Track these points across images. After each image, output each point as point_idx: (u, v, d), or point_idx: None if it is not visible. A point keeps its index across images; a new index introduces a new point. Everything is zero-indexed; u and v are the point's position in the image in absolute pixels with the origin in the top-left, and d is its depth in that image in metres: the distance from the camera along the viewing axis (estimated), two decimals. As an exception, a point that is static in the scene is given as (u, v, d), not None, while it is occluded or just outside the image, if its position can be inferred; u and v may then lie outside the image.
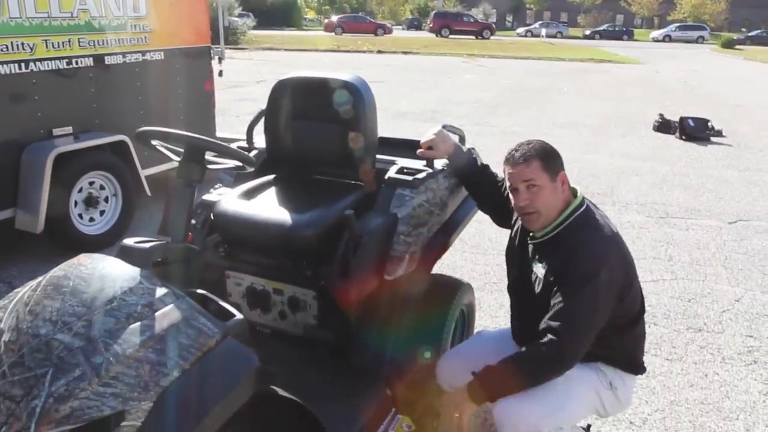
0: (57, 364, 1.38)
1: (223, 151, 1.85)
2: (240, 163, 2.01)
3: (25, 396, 1.36)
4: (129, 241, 1.73)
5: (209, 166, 1.92)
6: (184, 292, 1.63)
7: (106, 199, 4.49)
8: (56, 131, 4.22)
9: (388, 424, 2.28)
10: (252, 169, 2.07)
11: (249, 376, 1.50)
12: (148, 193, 4.73)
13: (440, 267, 2.59)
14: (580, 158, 7.24)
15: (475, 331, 2.94)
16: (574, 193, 2.09)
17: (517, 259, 2.20)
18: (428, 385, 2.43)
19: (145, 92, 4.87)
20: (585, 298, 1.89)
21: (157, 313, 1.49)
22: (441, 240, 2.47)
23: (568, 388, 2.00)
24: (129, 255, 1.67)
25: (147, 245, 1.70)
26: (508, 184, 2.05)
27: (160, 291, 1.54)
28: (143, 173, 4.70)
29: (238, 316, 1.62)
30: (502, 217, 2.41)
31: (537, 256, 2.09)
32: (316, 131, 2.51)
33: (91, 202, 4.37)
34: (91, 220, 4.41)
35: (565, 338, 1.88)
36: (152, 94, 4.93)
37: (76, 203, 4.27)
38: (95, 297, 1.50)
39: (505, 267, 2.34)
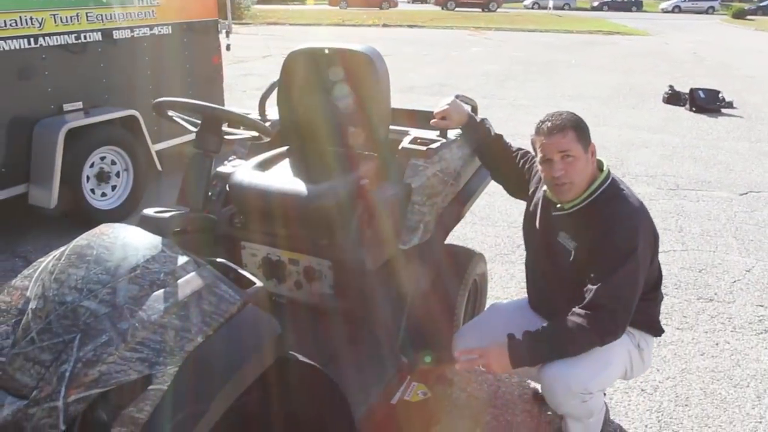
0: (84, 330, 1.41)
1: (241, 122, 1.86)
2: (256, 134, 2.02)
3: (54, 361, 1.40)
4: (149, 211, 1.75)
5: (226, 137, 1.93)
6: (205, 260, 1.65)
7: (118, 174, 4.51)
8: (67, 106, 4.23)
9: (404, 390, 2.31)
10: (268, 140, 2.08)
11: (271, 342, 1.53)
12: (159, 167, 4.75)
13: (451, 238, 2.60)
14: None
15: (488, 302, 2.96)
16: (600, 165, 2.10)
17: (540, 231, 2.21)
18: (442, 354, 2.46)
19: (154, 67, 4.86)
20: (627, 271, 1.93)
21: (179, 281, 1.51)
22: (455, 210, 2.49)
23: (609, 351, 2.04)
24: (149, 224, 1.69)
25: (167, 215, 1.72)
26: (540, 154, 2.05)
27: (182, 259, 1.57)
28: (154, 148, 4.71)
29: (258, 283, 1.64)
30: (517, 188, 2.42)
31: (564, 228, 2.10)
32: (330, 101, 2.51)
33: (102, 177, 4.39)
34: (103, 194, 4.43)
35: (617, 313, 1.94)
36: (161, 69, 4.92)
37: (88, 178, 4.29)
38: (119, 265, 1.53)
39: (515, 239, 2.36)
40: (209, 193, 2.47)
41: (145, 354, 1.38)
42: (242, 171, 2.37)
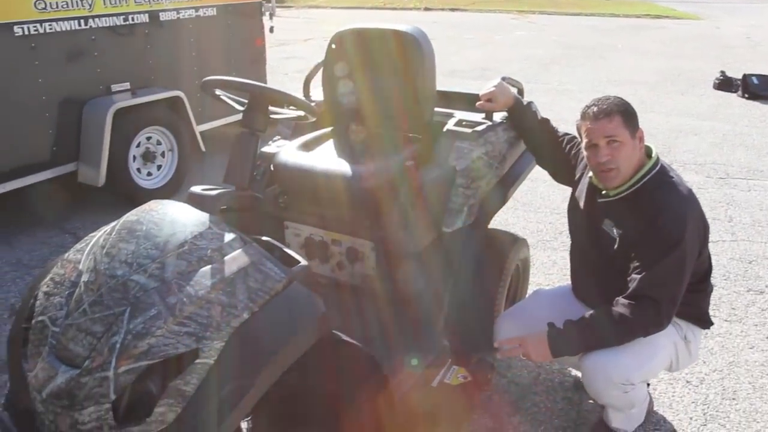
0: (134, 304, 1.44)
1: (288, 101, 1.86)
2: (302, 113, 2.02)
3: (105, 332, 1.43)
4: (196, 189, 1.77)
5: (272, 116, 1.94)
6: (251, 238, 1.66)
7: (163, 154, 4.59)
8: (115, 87, 4.32)
9: (444, 374, 2.31)
10: (314, 119, 2.08)
11: (315, 320, 1.54)
12: (203, 148, 4.81)
13: (493, 223, 2.57)
14: (645, 117, 7.01)
15: (530, 289, 2.93)
16: (648, 152, 2.04)
17: (584, 218, 2.17)
18: (483, 339, 2.45)
19: (199, 48, 4.91)
20: (674, 262, 1.88)
21: (226, 258, 1.53)
22: (499, 193, 2.45)
23: (653, 342, 2.00)
24: (197, 201, 1.71)
25: (214, 192, 1.74)
26: (586, 140, 2.00)
27: (229, 236, 1.58)
28: (198, 129, 4.78)
29: (303, 262, 1.65)
30: (562, 174, 2.37)
31: (609, 215, 2.05)
32: (374, 83, 2.49)
33: (148, 156, 4.48)
34: (149, 174, 4.52)
35: (662, 304, 1.89)
36: (205, 51, 4.97)
37: (134, 158, 4.38)
38: (167, 240, 1.55)
39: (557, 225, 2.32)
40: (254, 173, 2.49)
41: (192, 328, 1.40)
42: (286, 151, 2.38)
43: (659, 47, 12.94)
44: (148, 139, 4.47)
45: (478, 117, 2.47)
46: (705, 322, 2.13)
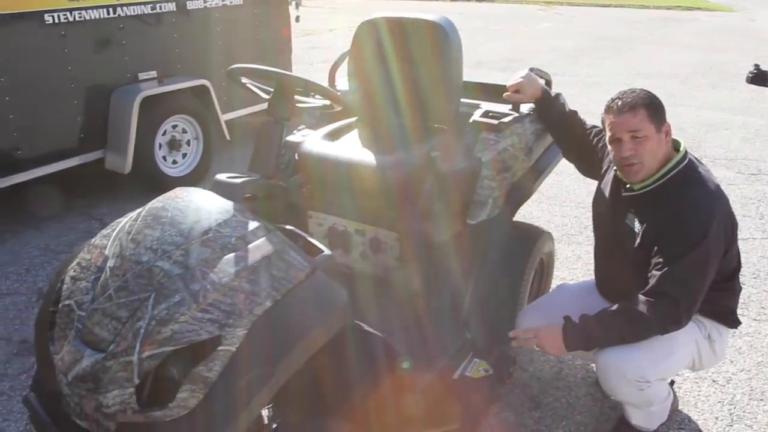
0: (158, 290, 1.45)
1: (314, 89, 1.85)
2: (328, 102, 2.01)
3: (130, 317, 1.44)
4: (221, 176, 1.77)
5: (298, 105, 1.93)
6: (275, 227, 1.66)
7: (188, 143, 4.63)
8: (142, 75, 4.35)
9: (466, 366, 2.29)
10: (340, 109, 2.07)
11: (338, 310, 1.53)
12: (227, 137, 4.84)
13: (518, 216, 2.54)
14: (666, 110, 6.88)
15: (554, 283, 2.89)
16: (676, 146, 1.99)
17: (608, 212, 2.13)
18: (506, 333, 2.42)
19: (225, 37, 4.92)
20: (696, 260, 1.84)
21: (250, 246, 1.53)
22: (525, 186, 2.42)
23: (672, 340, 1.96)
24: (222, 189, 1.71)
25: (239, 180, 1.74)
26: (609, 134, 1.97)
27: (253, 224, 1.58)
28: (223, 118, 4.80)
29: (327, 251, 1.64)
30: (589, 167, 2.34)
31: (633, 210, 2.02)
32: (401, 73, 2.47)
33: (174, 144, 4.51)
34: (174, 162, 4.56)
35: (681, 302, 1.85)
36: (232, 40, 4.98)
37: (160, 146, 4.42)
38: (192, 228, 1.55)
39: (582, 219, 2.29)
40: (279, 162, 2.49)
41: (215, 315, 1.41)
42: (311, 140, 2.37)
43: (690, 39, 12.69)
44: (174, 127, 4.51)
45: (505, 108, 2.44)
46: (732, 322, 2.08)
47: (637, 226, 2.00)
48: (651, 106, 1.91)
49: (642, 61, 10.14)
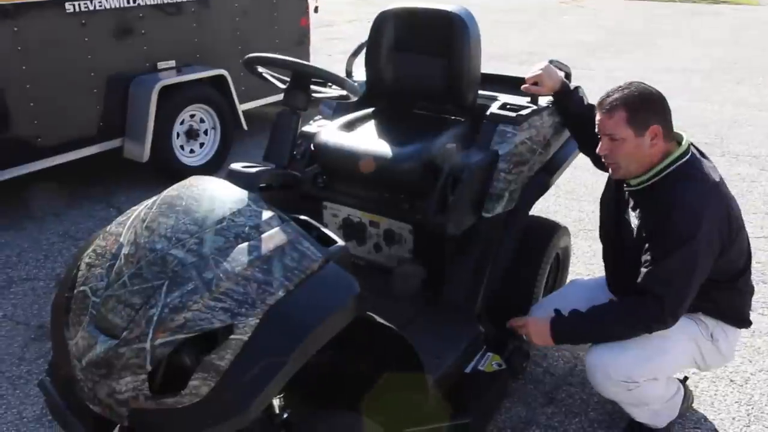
0: (172, 278, 1.45)
1: (330, 79, 1.83)
2: (344, 93, 1.99)
3: (143, 305, 1.44)
4: (236, 166, 1.77)
5: (314, 95, 1.92)
6: (289, 217, 1.66)
7: (206, 132, 4.65)
8: (161, 65, 4.37)
9: (479, 360, 2.28)
10: (356, 99, 2.06)
11: (350, 301, 1.52)
12: (245, 127, 4.85)
13: (534, 210, 2.51)
14: (688, 105, 6.76)
15: (569, 278, 2.87)
16: (679, 139, 1.95)
17: (611, 205, 2.13)
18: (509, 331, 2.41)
19: (243, 27, 4.93)
20: (683, 258, 1.81)
21: (263, 235, 1.52)
22: (542, 180, 2.40)
23: (664, 339, 1.94)
24: (236, 178, 1.71)
25: (254, 170, 1.73)
26: (596, 129, 1.97)
27: (267, 214, 1.58)
28: (240, 107, 4.81)
29: (340, 242, 1.64)
30: (601, 161, 2.30)
31: (631, 204, 2.00)
32: (418, 64, 2.45)
33: (191, 134, 4.54)
34: (191, 151, 4.59)
35: (665, 300, 1.82)
36: (250, 30, 4.98)
37: (178, 135, 4.44)
38: (206, 216, 1.56)
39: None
40: (294, 152, 2.49)
41: (228, 304, 1.41)
42: (327, 131, 2.37)
43: (716, 34, 12.46)
44: (192, 116, 4.53)
45: (523, 101, 2.41)
46: (741, 322, 2.03)
47: (634, 222, 1.98)
48: (633, 109, 1.85)
49: (666, 55, 9.98)
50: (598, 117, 1.94)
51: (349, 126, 2.42)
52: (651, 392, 2.00)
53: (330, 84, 1.93)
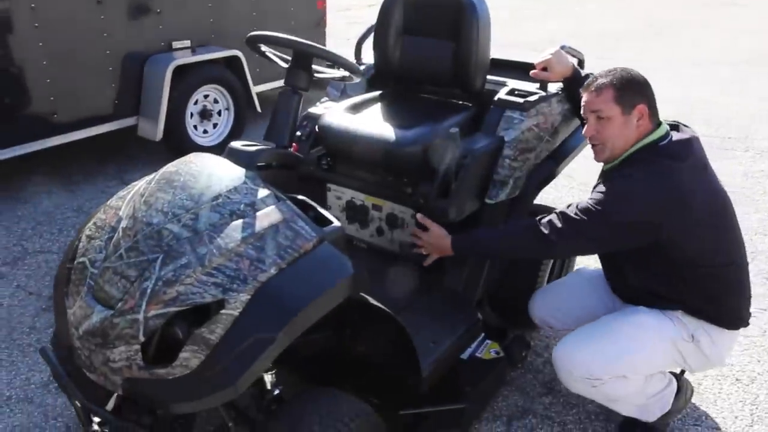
0: (166, 251, 1.47)
1: (331, 59, 1.83)
2: (347, 74, 1.98)
3: (138, 277, 1.46)
4: (236, 144, 1.78)
5: (316, 75, 1.92)
6: (286, 196, 1.66)
7: (219, 113, 4.67)
8: (176, 44, 4.39)
9: (477, 347, 2.28)
10: (359, 80, 2.05)
11: (342, 281, 1.52)
12: (258, 109, 4.86)
13: (546, 201, 2.49)
14: (714, 100, 6.60)
15: (575, 267, 2.84)
16: (658, 123, 1.92)
17: None
18: (520, 316, 2.40)
19: (259, 9, 4.92)
20: (595, 220, 1.84)
21: (258, 213, 1.53)
22: (548, 168, 2.37)
23: (635, 337, 1.92)
24: (235, 156, 1.72)
25: (253, 148, 1.74)
26: (582, 112, 1.97)
27: (263, 192, 1.58)
28: (254, 89, 4.82)
29: (336, 223, 1.64)
30: None
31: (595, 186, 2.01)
32: (426, 47, 2.43)
33: (205, 114, 4.56)
34: (205, 131, 4.61)
35: (564, 233, 1.88)
36: (265, 11, 4.97)
37: (191, 115, 4.46)
38: (202, 192, 1.57)
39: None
40: (298, 133, 2.49)
41: (220, 279, 1.42)
42: (332, 113, 2.36)
43: (748, 25, 12.16)
44: (206, 97, 4.55)
45: (532, 87, 2.38)
46: (729, 323, 1.96)
47: None
48: (621, 88, 1.86)
49: (693, 46, 9.77)
50: (585, 98, 1.93)
51: (355, 108, 2.41)
52: (620, 390, 1.95)
53: (332, 64, 1.92)
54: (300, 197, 1.78)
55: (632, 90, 1.87)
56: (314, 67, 1.92)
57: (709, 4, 15.12)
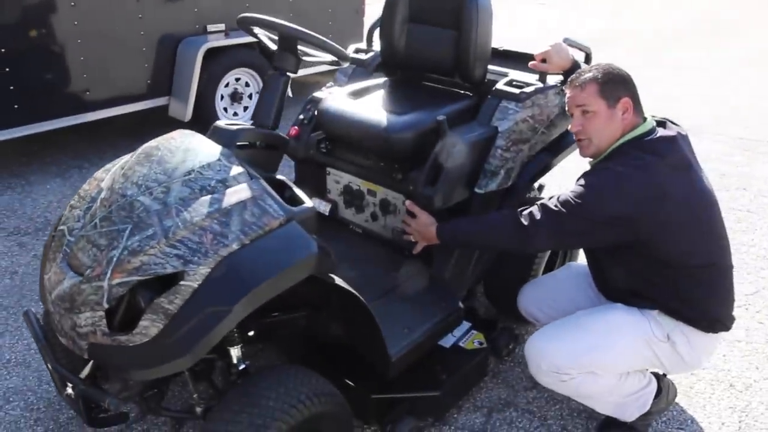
0: (136, 222, 1.53)
1: (316, 43, 1.85)
2: (335, 58, 2.00)
3: (107, 246, 1.53)
4: (221, 123, 1.82)
5: (304, 58, 1.94)
6: (262, 175, 1.69)
7: (250, 96, 4.75)
8: (210, 27, 4.48)
9: (462, 337, 2.28)
10: (346, 65, 2.07)
11: (304, 260, 1.55)
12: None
13: (551, 193, 2.44)
14: (764, 104, 6.31)
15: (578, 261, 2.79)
16: (644, 120, 1.89)
17: None
18: (514, 306, 2.38)
19: (296, -5, 4.97)
20: (572, 210, 1.81)
21: (228, 189, 1.57)
22: (543, 160, 2.34)
23: (606, 334, 1.89)
24: (216, 135, 1.77)
25: (234, 127, 1.78)
26: (567, 108, 1.95)
27: (236, 170, 1.62)
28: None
29: (308, 203, 1.66)
30: None
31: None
32: (430, 36, 2.43)
33: (235, 97, 4.66)
34: (235, 114, 4.71)
35: (533, 229, 1.86)
36: (302, -1, 5.03)
37: (222, 97, 4.57)
38: (176, 167, 1.62)
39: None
40: (301, 116, 2.53)
41: (182, 251, 1.47)
42: (332, 98, 2.39)
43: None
44: (237, 80, 4.64)
45: (533, 78, 2.35)
46: (708, 326, 1.90)
47: None
48: (605, 82, 1.85)
49: (752, 46, 9.32)
50: (569, 94, 1.92)
51: (356, 94, 2.43)
52: (590, 387, 1.92)
53: (317, 48, 1.93)
54: (279, 177, 1.81)
55: (615, 83, 1.85)
56: (303, 49, 1.94)
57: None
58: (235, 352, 1.73)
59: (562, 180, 2.52)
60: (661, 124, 1.92)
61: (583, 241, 1.96)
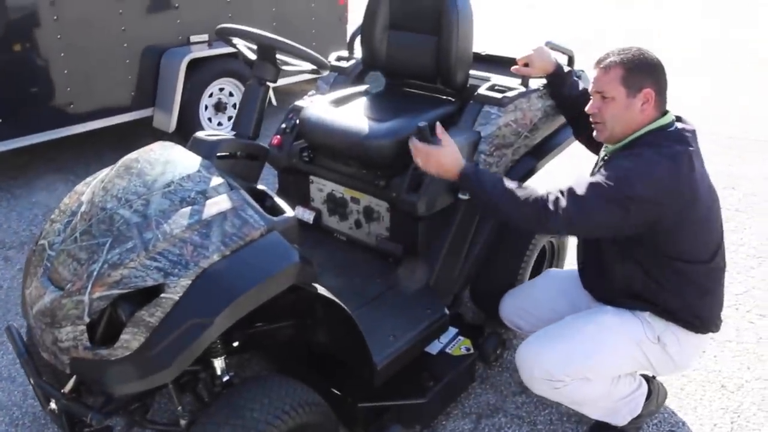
0: (116, 236, 1.51)
1: (294, 52, 1.85)
2: (315, 67, 2.00)
3: (87, 260, 1.51)
4: (201, 134, 1.82)
5: (283, 67, 1.94)
6: (243, 185, 1.69)
7: (234, 106, 4.74)
8: (193, 38, 4.48)
9: (448, 343, 2.27)
10: (326, 73, 2.06)
11: (285, 270, 1.54)
12: (274, 103, 4.90)
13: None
14: (754, 104, 6.30)
15: (566, 267, 2.79)
16: (664, 113, 1.87)
17: None
18: (495, 314, 2.38)
19: (278, 4, 4.97)
20: (603, 193, 1.72)
21: (208, 201, 1.56)
22: (527, 164, 2.34)
23: (597, 338, 1.88)
24: (196, 146, 1.76)
25: (213, 138, 1.77)
26: (590, 88, 1.90)
27: (216, 181, 1.62)
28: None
29: (289, 213, 1.66)
30: (595, 149, 2.23)
31: (597, 168, 1.95)
32: (411, 42, 2.43)
33: (220, 107, 4.64)
34: (219, 124, 4.69)
35: (560, 212, 1.75)
36: (285, 7, 5.03)
37: (206, 107, 4.56)
38: (156, 179, 1.61)
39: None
40: (283, 125, 2.53)
41: (162, 264, 1.46)
42: (314, 106, 2.38)
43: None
44: (221, 90, 4.63)
45: (515, 83, 2.36)
46: (698, 326, 1.90)
47: None
48: (630, 68, 1.79)
49: (747, 47, 9.24)
50: (595, 74, 1.86)
51: (338, 102, 2.43)
52: (584, 393, 1.91)
53: (297, 57, 1.93)
54: (260, 187, 1.81)
55: (641, 72, 1.80)
56: (282, 58, 1.94)
57: None
58: (218, 364, 1.72)
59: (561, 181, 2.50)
60: (678, 118, 1.90)
61: (603, 227, 1.81)
